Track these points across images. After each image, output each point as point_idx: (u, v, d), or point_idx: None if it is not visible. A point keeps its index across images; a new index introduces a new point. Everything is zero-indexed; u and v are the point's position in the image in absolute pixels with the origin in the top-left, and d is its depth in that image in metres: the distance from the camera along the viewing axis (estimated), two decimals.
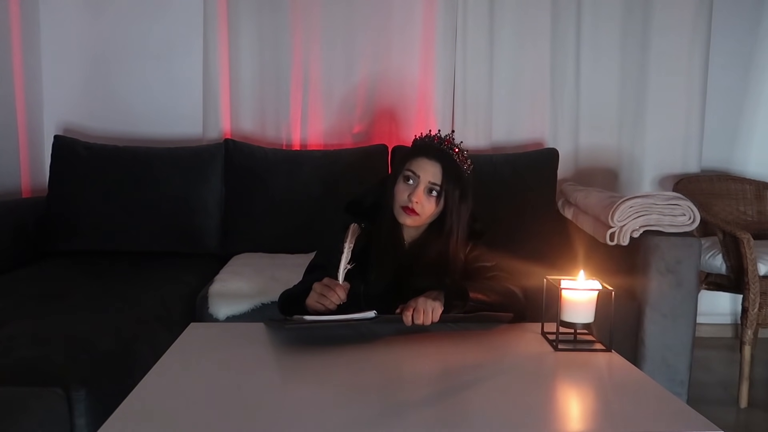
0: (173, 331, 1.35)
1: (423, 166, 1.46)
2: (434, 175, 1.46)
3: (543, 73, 2.72)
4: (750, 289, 2.15)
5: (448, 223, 1.48)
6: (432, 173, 1.46)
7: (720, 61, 2.82)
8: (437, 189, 1.46)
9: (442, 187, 1.46)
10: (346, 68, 2.71)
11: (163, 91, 2.74)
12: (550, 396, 1.09)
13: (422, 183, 1.46)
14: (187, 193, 2.43)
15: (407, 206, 1.46)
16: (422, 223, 1.51)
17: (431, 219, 1.51)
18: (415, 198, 1.45)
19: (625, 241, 1.89)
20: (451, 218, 1.48)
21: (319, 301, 1.36)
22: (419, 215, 1.46)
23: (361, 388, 1.06)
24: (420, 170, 1.46)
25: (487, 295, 1.40)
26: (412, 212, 1.46)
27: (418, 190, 1.45)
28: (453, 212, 1.48)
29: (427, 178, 1.46)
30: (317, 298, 1.36)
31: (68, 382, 1.25)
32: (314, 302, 1.37)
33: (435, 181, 1.46)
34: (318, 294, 1.36)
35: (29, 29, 2.61)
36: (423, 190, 1.46)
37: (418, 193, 1.45)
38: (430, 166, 1.46)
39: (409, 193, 1.46)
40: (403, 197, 1.47)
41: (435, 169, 1.46)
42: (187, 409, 0.97)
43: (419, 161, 1.47)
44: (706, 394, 2.32)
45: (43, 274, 2.10)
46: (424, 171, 1.46)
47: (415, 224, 1.50)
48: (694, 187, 2.67)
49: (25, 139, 2.59)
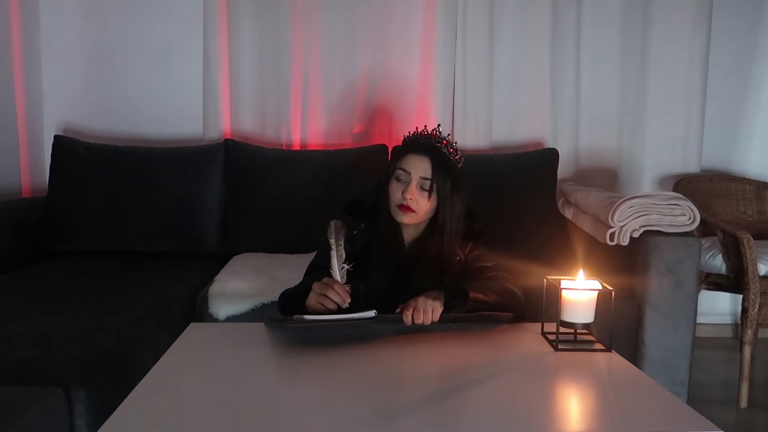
0: (173, 331, 1.35)
1: (412, 162, 1.48)
2: (424, 170, 1.47)
3: (543, 73, 2.72)
4: (750, 289, 2.15)
5: (441, 215, 1.49)
6: (422, 168, 1.47)
7: (720, 61, 2.82)
8: (429, 182, 1.47)
9: (432, 179, 1.47)
10: (346, 68, 2.71)
11: (163, 91, 2.74)
12: (550, 396, 1.09)
13: (414, 179, 1.47)
14: (187, 193, 2.43)
15: (402, 204, 1.47)
16: (420, 221, 1.52)
17: (428, 215, 1.52)
18: (408, 194, 1.46)
19: (625, 241, 1.89)
20: (444, 210, 1.49)
21: (318, 301, 1.36)
22: (415, 212, 1.48)
23: (361, 388, 1.06)
24: (410, 166, 1.48)
25: (487, 294, 1.41)
26: (408, 209, 1.47)
27: (410, 187, 1.46)
28: (446, 204, 1.49)
29: (417, 173, 1.47)
30: (317, 298, 1.36)
31: (68, 382, 1.25)
32: (314, 302, 1.37)
33: (425, 175, 1.47)
34: (317, 294, 1.36)
35: (29, 29, 2.61)
36: (415, 185, 1.47)
37: (411, 189, 1.46)
38: (419, 161, 1.47)
39: (403, 191, 1.47)
40: (398, 195, 1.48)
41: (424, 163, 1.47)
42: (187, 409, 0.97)
43: (408, 158, 1.49)
44: (706, 394, 2.32)
45: (43, 274, 2.10)
46: (414, 167, 1.47)
47: (413, 221, 1.51)
48: (694, 187, 2.67)
49: (25, 139, 2.59)
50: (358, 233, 1.55)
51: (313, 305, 1.37)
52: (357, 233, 1.55)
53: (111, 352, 1.44)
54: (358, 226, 1.56)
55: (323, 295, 1.35)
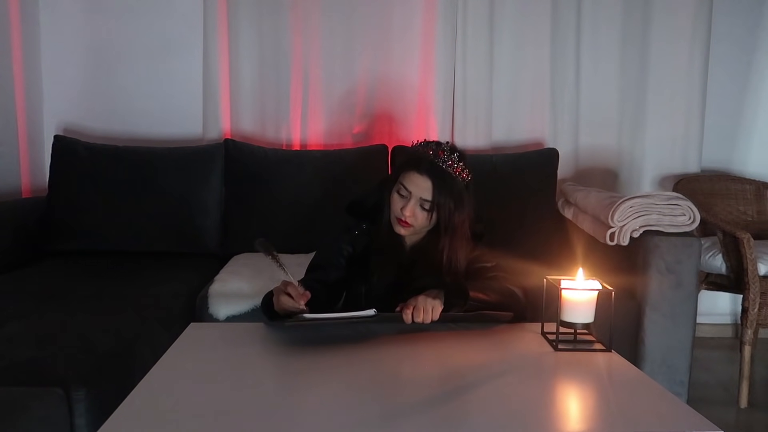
0: (173, 331, 1.35)
1: (414, 181, 1.46)
2: (425, 191, 1.45)
3: (543, 73, 2.72)
4: (750, 289, 2.15)
5: (443, 234, 1.48)
6: (423, 189, 1.45)
7: (720, 61, 2.82)
8: (429, 203, 1.46)
9: (433, 201, 1.45)
10: (346, 68, 2.71)
11: (163, 91, 2.74)
12: (550, 396, 1.09)
13: (414, 198, 1.46)
14: (187, 193, 2.43)
15: (401, 218, 1.47)
16: (418, 232, 1.52)
17: (429, 227, 1.51)
18: (407, 212, 1.45)
19: (625, 241, 1.89)
20: (446, 230, 1.47)
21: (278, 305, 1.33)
22: (413, 226, 1.48)
23: (361, 387, 1.06)
24: (411, 185, 1.46)
25: (487, 294, 1.41)
26: (406, 224, 1.47)
27: (409, 205, 1.46)
28: (448, 226, 1.47)
29: (418, 194, 1.45)
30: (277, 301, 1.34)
31: (68, 382, 1.25)
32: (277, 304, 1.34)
33: (426, 197, 1.45)
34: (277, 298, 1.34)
35: (29, 29, 2.61)
36: (414, 204, 1.46)
37: (410, 207, 1.45)
38: (421, 182, 1.45)
39: (402, 207, 1.46)
40: (397, 209, 1.47)
41: (426, 184, 1.45)
42: (187, 410, 0.97)
43: (411, 176, 1.46)
44: (706, 394, 2.32)
45: (43, 274, 2.10)
46: (416, 186, 1.45)
47: (410, 234, 1.51)
48: (694, 187, 2.67)
49: (25, 139, 2.59)
50: (359, 234, 1.55)
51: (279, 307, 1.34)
52: (359, 234, 1.55)
53: (111, 352, 1.44)
54: (360, 226, 1.56)
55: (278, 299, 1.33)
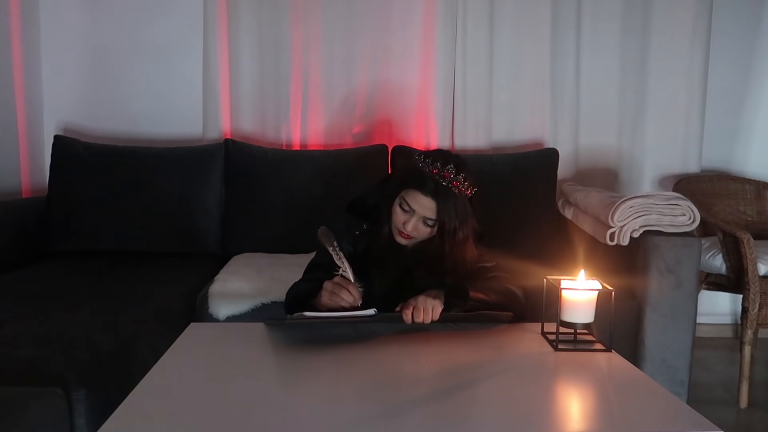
0: (173, 331, 1.35)
1: (418, 200, 1.43)
2: (429, 211, 1.43)
3: (543, 73, 2.72)
4: (750, 289, 2.15)
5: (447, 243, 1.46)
6: (427, 209, 1.43)
7: (720, 61, 2.82)
8: (432, 221, 1.45)
9: (437, 220, 1.44)
10: (346, 68, 2.71)
11: (163, 91, 2.74)
12: (550, 396, 1.09)
13: (417, 216, 1.44)
14: (187, 193, 2.43)
15: (402, 231, 1.46)
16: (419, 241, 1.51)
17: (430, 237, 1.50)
18: (408, 227, 1.44)
19: (625, 241, 1.89)
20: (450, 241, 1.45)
21: (331, 299, 1.35)
22: (414, 238, 1.47)
23: (361, 387, 1.06)
24: (415, 204, 1.44)
25: (487, 294, 1.41)
26: (407, 236, 1.46)
27: (412, 222, 1.44)
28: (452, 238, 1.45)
29: (422, 213, 1.44)
30: (329, 296, 1.35)
31: (68, 382, 1.25)
32: (327, 300, 1.36)
33: (430, 216, 1.44)
34: (329, 292, 1.36)
35: (29, 29, 2.61)
36: (417, 221, 1.45)
37: (412, 223, 1.44)
38: (426, 202, 1.43)
39: (405, 222, 1.45)
40: (399, 222, 1.46)
41: (430, 205, 1.43)
42: (187, 409, 0.97)
43: (415, 196, 1.43)
44: (706, 394, 2.32)
45: (43, 274, 2.10)
46: (420, 206, 1.43)
47: (411, 243, 1.50)
48: (694, 187, 2.67)
49: (25, 139, 2.59)
50: (360, 234, 1.55)
51: (326, 303, 1.36)
52: (359, 234, 1.55)
53: (111, 352, 1.44)
54: (361, 227, 1.56)
55: (335, 293, 1.34)
